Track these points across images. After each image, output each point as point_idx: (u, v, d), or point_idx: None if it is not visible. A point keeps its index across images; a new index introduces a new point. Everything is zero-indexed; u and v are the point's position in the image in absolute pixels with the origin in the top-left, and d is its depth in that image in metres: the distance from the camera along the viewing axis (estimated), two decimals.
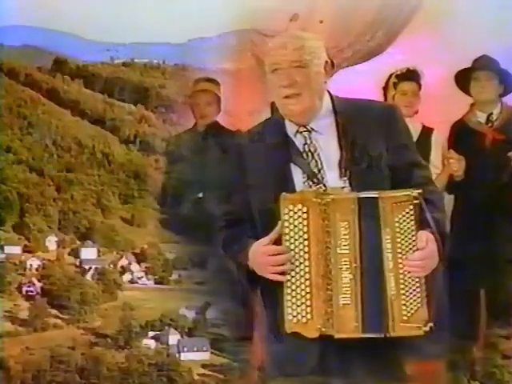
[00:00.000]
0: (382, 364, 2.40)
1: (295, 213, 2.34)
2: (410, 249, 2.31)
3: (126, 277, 8.65)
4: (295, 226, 2.35)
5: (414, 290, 2.32)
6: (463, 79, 4.48)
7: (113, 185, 9.53)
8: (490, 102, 4.43)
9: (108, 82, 10.29)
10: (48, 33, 9.59)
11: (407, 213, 2.31)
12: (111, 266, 8.71)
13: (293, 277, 2.36)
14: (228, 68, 6.21)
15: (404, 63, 4.64)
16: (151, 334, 7.94)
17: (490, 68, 4.42)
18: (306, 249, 2.35)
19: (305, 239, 2.34)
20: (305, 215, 2.34)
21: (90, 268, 8.53)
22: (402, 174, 2.47)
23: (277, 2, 5.59)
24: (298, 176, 2.47)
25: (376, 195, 2.32)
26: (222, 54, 6.57)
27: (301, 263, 2.35)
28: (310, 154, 2.48)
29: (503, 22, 5.63)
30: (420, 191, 2.32)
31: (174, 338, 7.79)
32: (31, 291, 8.16)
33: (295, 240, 2.35)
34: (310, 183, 2.45)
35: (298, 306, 2.35)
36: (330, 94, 2.56)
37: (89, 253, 8.75)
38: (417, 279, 2.32)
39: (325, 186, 2.44)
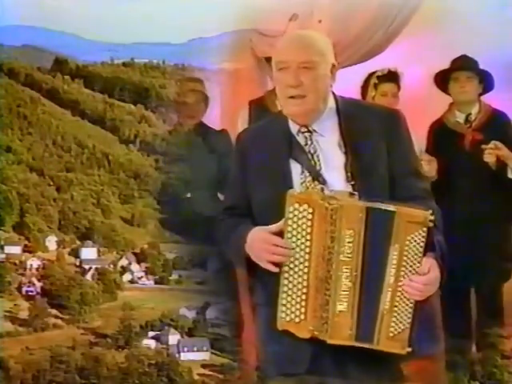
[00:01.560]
0: (378, 363, 2.39)
1: (300, 212, 2.32)
2: (414, 269, 2.30)
3: (126, 277, 8.65)
4: (298, 226, 2.33)
5: (406, 311, 2.31)
6: (442, 80, 4.48)
7: (113, 185, 9.53)
8: (469, 102, 4.43)
9: (108, 82, 10.29)
10: (48, 33, 9.60)
11: (419, 234, 2.28)
12: (111, 266, 8.71)
13: (291, 275, 2.35)
14: (228, 68, 6.21)
15: (404, 63, 4.64)
16: (151, 333, 7.93)
17: (469, 68, 4.42)
18: (308, 249, 2.33)
19: (307, 239, 2.33)
20: (310, 216, 2.32)
21: (90, 268, 8.52)
22: (402, 182, 2.45)
23: (276, 2, 5.59)
24: (297, 174, 2.46)
25: (394, 209, 2.29)
26: (221, 53, 6.57)
27: (300, 263, 2.34)
28: (309, 154, 2.48)
29: (503, 22, 5.63)
30: (433, 213, 2.30)
31: (173, 337, 7.79)
32: (31, 291, 8.17)
33: (297, 239, 2.34)
34: (309, 182, 2.44)
35: (293, 305, 2.34)
36: (334, 94, 2.55)
37: (89, 253, 8.75)
38: (411, 301, 2.31)
39: (323, 184, 2.43)
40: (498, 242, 4.45)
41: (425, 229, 2.29)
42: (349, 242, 2.30)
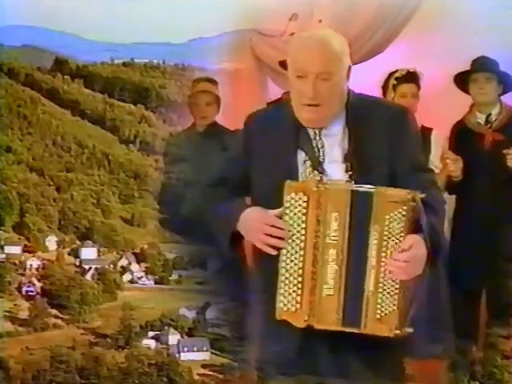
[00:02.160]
0: (380, 363, 2.39)
1: (296, 201, 2.34)
2: (396, 249, 2.29)
3: (126, 277, 8.66)
4: (295, 214, 2.34)
5: (392, 291, 2.29)
6: (462, 81, 4.48)
7: (113, 185, 9.55)
8: (489, 103, 4.44)
9: (108, 82, 10.30)
10: (48, 33, 9.62)
11: (399, 213, 2.27)
12: (111, 266, 8.72)
13: (287, 264, 2.35)
14: (228, 68, 6.22)
15: (404, 62, 4.64)
16: (151, 333, 7.95)
17: (488, 69, 4.42)
18: (303, 237, 2.34)
19: (303, 228, 2.34)
20: (305, 204, 2.33)
21: (90, 268, 8.53)
22: (406, 178, 2.44)
23: (276, 2, 5.60)
24: (300, 164, 2.47)
25: (372, 190, 2.30)
26: (221, 54, 6.58)
27: (296, 252, 2.35)
28: (316, 148, 2.48)
29: (504, 22, 5.63)
30: (420, 194, 2.29)
31: (173, 337, 7.80)
32: (31, 291, 8.17)
33: (294, 228, 2.35)
34: (309, 172, 2.45)
35: (290, 294, 2.35)
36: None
37: (89, 253, 8.76)
38: (397, 281, 2.30)
39: (322, 174, 2.43)
40: None
41: (405, 207, 2.27)
42: (335, 225, 2.31)
